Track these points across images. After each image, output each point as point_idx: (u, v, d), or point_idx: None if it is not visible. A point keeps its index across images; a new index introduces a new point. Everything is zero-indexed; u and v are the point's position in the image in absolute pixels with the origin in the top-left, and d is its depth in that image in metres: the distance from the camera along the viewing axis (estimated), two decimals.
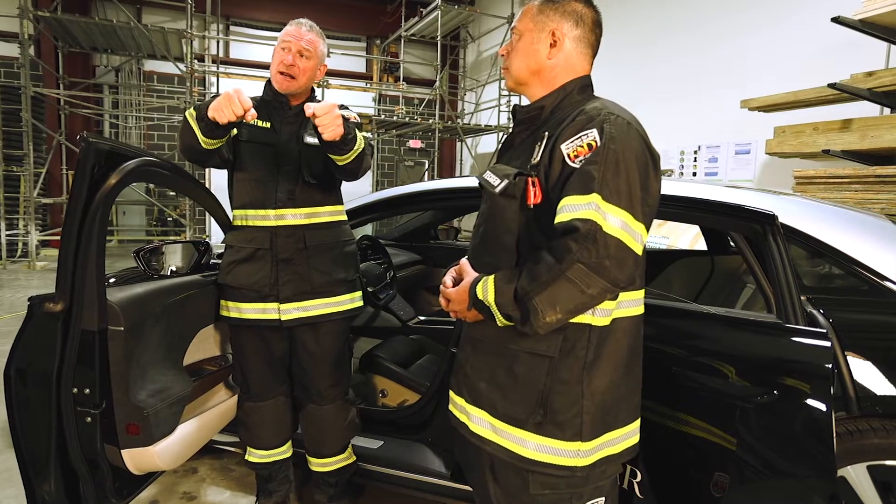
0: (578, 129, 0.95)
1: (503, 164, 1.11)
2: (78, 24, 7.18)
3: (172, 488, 2.05)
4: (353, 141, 1.43)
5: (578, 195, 0.90)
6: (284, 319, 1.63)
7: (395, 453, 1.81)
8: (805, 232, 1.40)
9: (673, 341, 1.35)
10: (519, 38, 1.09)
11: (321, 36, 1.64)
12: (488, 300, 0.97)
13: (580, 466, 0.99)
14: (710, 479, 1.19)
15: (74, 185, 1.24)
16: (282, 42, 1.58)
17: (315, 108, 1.33)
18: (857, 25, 3.41)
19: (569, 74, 1.08)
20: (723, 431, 1.19)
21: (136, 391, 1.39)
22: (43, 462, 1.30)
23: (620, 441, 1.05)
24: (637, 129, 0.97)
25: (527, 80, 1.10)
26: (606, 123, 0.94)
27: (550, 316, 0.89)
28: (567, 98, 1.06)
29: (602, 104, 1.00)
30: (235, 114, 1.33)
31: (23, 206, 7.36)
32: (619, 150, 0.92)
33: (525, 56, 1.08)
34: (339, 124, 1.35)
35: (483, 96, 9.97)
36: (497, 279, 0.98)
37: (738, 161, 5.37)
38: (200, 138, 1.42)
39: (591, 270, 0.87)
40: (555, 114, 1.06)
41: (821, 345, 1.12)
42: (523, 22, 1.09)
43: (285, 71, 1.56)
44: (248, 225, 1.64)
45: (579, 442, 0.99)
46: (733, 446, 1.17)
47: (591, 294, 0.88)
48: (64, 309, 1.26)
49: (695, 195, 1.48)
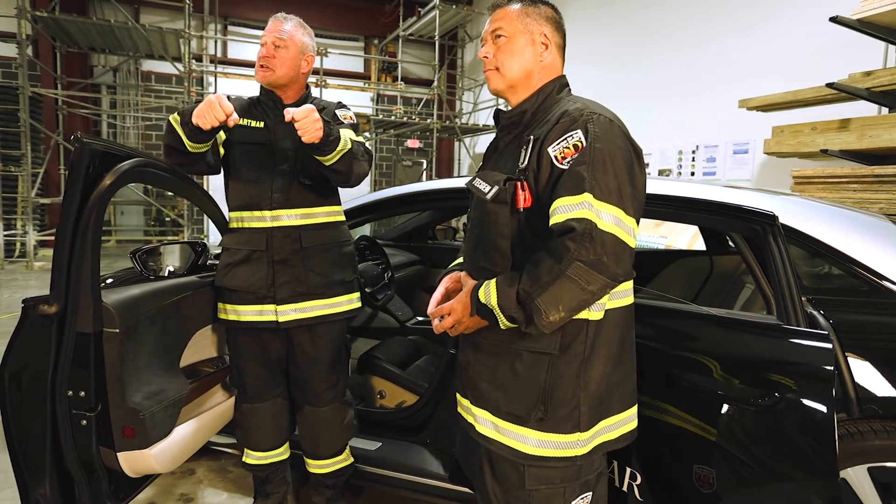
0: (563, 131, 0.98)
1: (489, 168, 1.14)
2: (75, 24, 7.16)
3: (170, 490, 2.04)
4: (336, 143, 1.44)
5: (571, 196, 0.93)
6: (282, 321, 1.62)
7: (393, 455, 1.80)
8: (805, 232, 1.40)
9: (673, 343, 1.34)
10: (507, 40, 1.10)
11: (301, 26, 1.65)
12: (491, 303, 0.98)
13: (579, 455, 1.03)
14: (710, 482, 1.18)
15: (68, 186, 1.23)
16: (261, 39, 1.61)
17: (294, 112, 1.35)
18: (855, 25, 3.41)
19: (549, 76, 1.12)
20: (723, 433, 1.18)
21: (132, 394, 1.38)
22: (38, 465, 1.29)
23: (616, 427, 1.08)
24: (619, 126, 1.00)
25: (518, 82, 1.12)
26: (590, 123, 0.97)
27: (554, 315, 0.92)
28: (548, 99, 1.10)
29: (584, 104, 1.03)
30: (217, 119, 1.36)
31: (21, 206, 7.34)
32: (604, 148, 0.95)
33: (521, 58, 1.10)
34: (318, 128, 1.37)
35: (481, 96, 9.97)
36: (499, 282, 0.99)
37: (736, 161, 5.37)
38: (186, 142, 1.44)
39: (590, 267, 0.89)
40: (536, 115, 1.09)
41: (822, 346, 1.12)
42: (510, 24, 1.10)
43: (262, 63, 1.58)
44: (244, 227, 1.63)
45: (578, 433, 1.02)
46: (734, 449, 1.17)
47: (592, 290, 0.91)
48: (59, 311, 1.25)
49: (694, 195, 1.48)
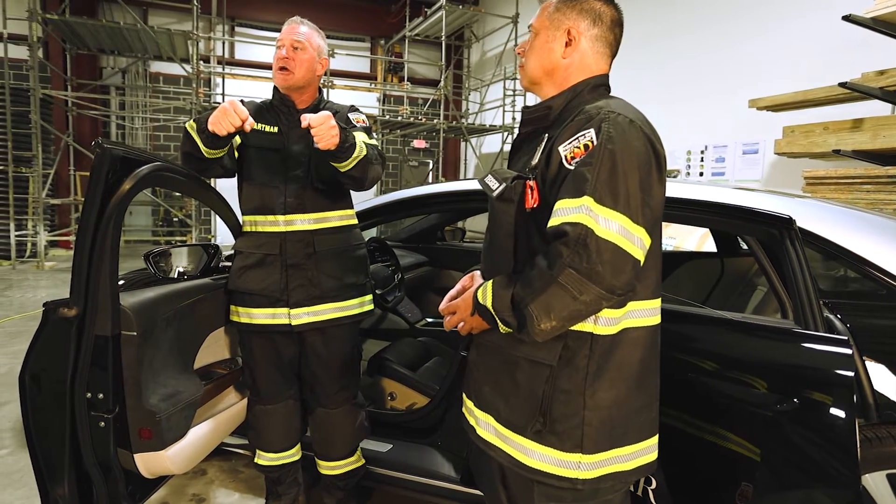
0: (576, 130, 0.92)
1: (511, 167, 1.10)
2: (85, 27, 7.22)
3: (182, 490, 2.06)
4: (352, 149, 1.44)
5: (570, 198, 0.87)
6: (295, 324, 1.63)
7: (404, 457, 1.80)
8: (821, 235, 1.39)
9: (688, 347, 1.33)
10: (535, 36, 1.06)
11: (316, 30, 1.66)
12: (487, 305, 0.96)
13: (582, 479, 0.96)
14: (727, 489, 1.18)
15: (89, 191, 1.25)
16: (277, 43, 1.61)
17: (310, 119, 1.35)
18: (868, 24, 3.38)
19: (582, 74, 1.04)
20: (740, 439, 1.18)
21: (149, 396, 1.39)
22: (57, 466, 1.31)
23: (632, 458, 1.00)
24: (641, 128, 0.92)
25: (540, 79, 1.07)
26: (605, 123, 0.90)
27: (545, 323, 0.87)
28: (577, 98, 1.02)
29: (606, 103, 0.95)
30: (233, 125, 1.37)
31: (31, 206, 7.41)
32: (616, 149, 0.87)
33: (539, 54, 1.05)
34: (334, 135, 1.37)
35: (487, 96, 9.96)
36: (495, 284, 0.96)
37: (746, 161, 5.33)
38: (203, 149, 1.46)
39: (582, 276, 0.83)
40: (563, 114, 1.02)
41: (842, 352, 1.11)
42: (539, 20, 1.06)
43: (281, 65, 1.58)
44: (258, 231, 1.64)
45: (580, 454, 0.95)
46: (751, 454, 1.16)
47: (585, 301, 0.84)
48: (78, 314, 1.26)
49: (709, 198, 1.47)
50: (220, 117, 1.36)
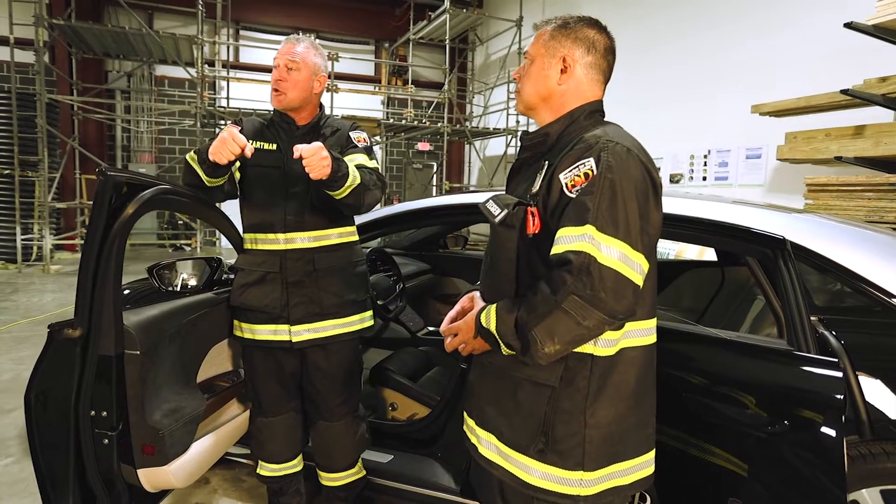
0: (576, 159, 0.95)
1: (510, 190, 1.13)
2: (91, 31, 7.29)
3: (185, 499, 2.08)
4: (345, 178, 1.45)
5: (573, 226, 0.90)
6: (295, 341, 1.64)
7: (405, 468, 1.82)
8: (817, 252, 1.39)
9: (682, 366, 1.34)
10: (531, 63, 1.09)
11: (314, 47, 1.65)
12: (490, 329, 0.99)
13: (583, 496, 0.99)
14: None
15: (93, 216, 1.27)
16: (273, 62, 1.62)
17: (301, 150, 1.36)
18: (870, 31, 3.37)
19: (578, 100, 1.07)
20: (733, 457, 1.19)
21: (152, 412, 1.41)
22: (62, 482, 1.33)
23: (630, 472, 1.03)
24: (638, 156, 0.96)
25: (536, 105, 1.09)
26: (604, 152, 0.93)
27: (549, 347, 0.90)
28: (574, 124, 1.06)
29: (604, 131, 0.99)
30: (233, 153, 1.39)
31: (37, 210, 7.48)
32: (616, 178, 0.91)
33: (535, 81, 1.08)
34: (325, 165, 1.38)
35: (491, 99, 9.96)
36: (499, 308, 0.99)
37: (749, 166, 5.32)
38: (204, 178, 1.49)
39: (586, 302, 0.86)
40: (560, 140, 1.05)
41: (832, 375, 1.12)
42: (535, 47, 1.09)
43: (274, 87, 1.60)
44: (258, 248, 1.66)
45: (581, 471, 0.98)
46: (743, 472, 1.17)
47: (588, 326, 0.88)
48: (82, 335, 1.29)
49: (704, 216, 1.48)
50: (219, 147, 1.39)
